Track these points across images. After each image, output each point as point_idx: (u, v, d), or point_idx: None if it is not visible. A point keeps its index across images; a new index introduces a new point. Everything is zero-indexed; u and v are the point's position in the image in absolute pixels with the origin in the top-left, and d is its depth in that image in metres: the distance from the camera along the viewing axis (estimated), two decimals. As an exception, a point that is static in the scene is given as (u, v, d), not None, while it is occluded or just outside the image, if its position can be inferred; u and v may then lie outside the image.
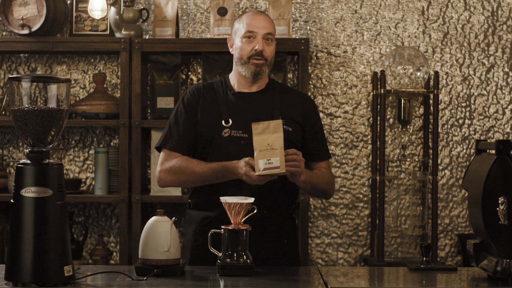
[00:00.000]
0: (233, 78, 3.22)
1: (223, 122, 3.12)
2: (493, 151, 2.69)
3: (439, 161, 4.55)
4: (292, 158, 2.95)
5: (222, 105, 3.16)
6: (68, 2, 4.54)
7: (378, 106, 4.43)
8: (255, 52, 3.12)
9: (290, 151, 2.96)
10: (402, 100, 4.41)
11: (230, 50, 3.23)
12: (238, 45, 3.16)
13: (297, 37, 4.48)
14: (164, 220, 2.80)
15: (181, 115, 3.17)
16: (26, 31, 4.33)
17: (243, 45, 3.14)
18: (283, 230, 3.16)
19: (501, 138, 4.56)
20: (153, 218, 2.82)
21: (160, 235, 2.77)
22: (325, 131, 4.55)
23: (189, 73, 4.63)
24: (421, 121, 4.58)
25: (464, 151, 4.60)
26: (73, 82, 4.62)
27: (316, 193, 3.24)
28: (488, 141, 4.12)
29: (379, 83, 4.38)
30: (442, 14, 4.59)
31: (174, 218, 2.85)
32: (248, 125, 3.10)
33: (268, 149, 2.89)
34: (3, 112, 4.46)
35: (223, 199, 2.84)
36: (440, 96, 4.58)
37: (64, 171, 3.39)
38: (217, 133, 3.11)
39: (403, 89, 4.37)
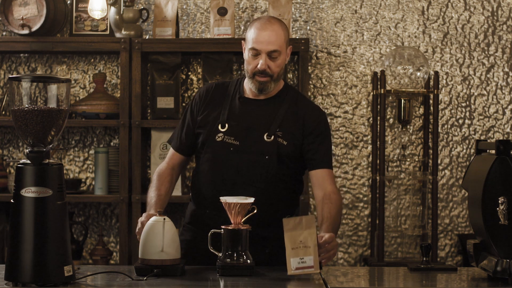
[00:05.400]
0: (246, 82, 3.20)
1: (219, 126, 3.12)
2: (493, 151, 2.70)
3: (439, 161, 4.55)
4: (328, 249, 2.83)
5: (225, 108, 3.15)
6: (68, 2, 4.54)
7: (378, 106, 4.43)
8: (258, 71, 3.07)
9: (323, 243, 2.81)
10: (402, 100, 4.41)
11: (244, 55, 3.16)
12: (245, 57, 3.13)
13: (297, 37, 4.48)
14: (161, 220, 2.81)
15: (186, 117, 3.22)
16: (26, 31, 4.33)
17: (248, 59, 3.10)
18: (265, 240, 3.10)
19: (501, 138, 4.56)
20: (153, 218, 2.83)
21: (156, 236, 2.78)
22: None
23: (189, 73, 4.63)
24: (421, 121, 4.58)
25: (464, 151, 4.60)
26: (73, 82, 4.62)
27: None
28: (488, 141, 4.12)
29: (379, 83, 4.38)
30: (442, 14, 4.59)
31: (164, 218, 2.84)
32: (242, 133, 3.09)
33: (301, 246, 2.73)
34: (3, 112, 4.46)
35: (223, 199, 2.84)
36: (440, 96, 4.58)
37: (64, 171, 3.39)
38: (212, 136, 3.11)
39: (403, 89, 4.37)
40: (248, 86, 3.16)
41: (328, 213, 3.01)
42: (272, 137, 3.09)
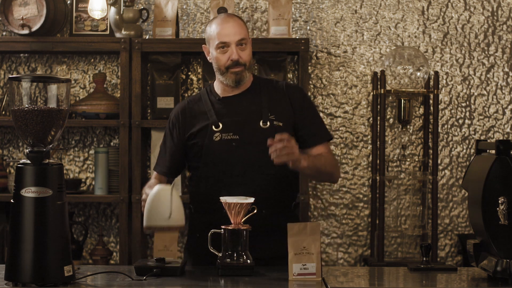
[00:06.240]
0: (217, 85, 3.23)
1: (213, 127, 3.13)
2: (493, 151, 2.70)
3: (439, 161, 4.55)
4: (280, 147, 2.88)
5: (210, 111, 3.17)
6: (68, 2, 4.54)
7: (378, 106, 4.43)
8: (232, 62, 3.10)
9: (275, 140, 2.88)
10: (402, 100, 4.41)
11: (208, 58, 3.21)
12: (214, 55, 3.15)
13: (297, 37, 4.48)
14: (167, 187, 2.85)
15: (167, 138, 3.26)
16: (26, 31, 4.33)
17: (218, 55, 3.13)
18: (283, 229, 3.14)
19: (501, 138, 4.56)
20: (159, 186, 2.86)
21: (163, 202, 2.80)
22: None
23: (189, 73, 4.63)
24: (421, 121, 4.58)
25: (464, 151, 4.60)
26: (73, 82, 4.62)
27: (322, 177, 3.29)
28: (488, 141, 4.12)
29: (379, 83, 4.38)
30: (442, 14, 4.59)
31: (173, 183, 2.87)
32: (238, 126, 3.11)
33: (304, 252, 2.74)
34: (3, 112, 4.46)
35: (223, 199, 2.84)
36: (440, 96, 4.58)
37: (64, 171, 3.39)
38: (208, 138, 3.11)
39: (403, 89, 4.37)
40: (223, 85, 3.19)
41: (315, 155, 3.11)
42: (268, 122, 3.12)
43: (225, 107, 3.17)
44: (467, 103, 4.59)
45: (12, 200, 2.56)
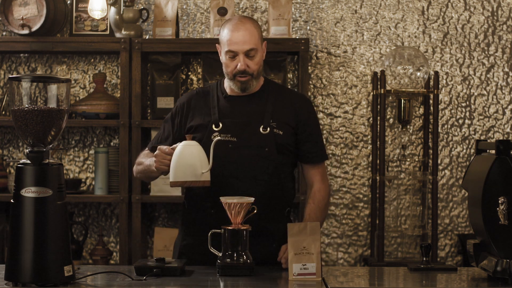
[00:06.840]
0: (226, 83, 3.23)
1: (213, 126, 3.13)
2: (493, 151, 2.70)
3: (439, 161, 4.55)
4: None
5: (214, 109, 3.17)
6: (68, 2, 4.54)
7: (378, 106, 4.43)
8: (238, 71, 3.10)
9: (283, 256, 2.97)
10: (402, 100, 4.41)
11: (220, 58, 3.20)
12: (223, 60, 3.16)
13: (297, 37, 4.48)
14: (196, 143, 2.92)
15: (167, 123, 3.26)
16: (26, 31, 4.33)
17: (227, 61, 3.13)
18: (273, 234, 3.11)
19: (501, 138, 4.56)
20: (184, 142, 2.90)
21: (199, 156, 2.85)
22: (325, 131, 4.55)
23: (189, 73, 4.63)
24: (421, 121, 4.58)
25: (464, 151, 4.60)
26: (73, 82, 4.62)
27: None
28: (488, 141, 4.13)
29: (379, 83, 4.39)
30: (442, 14, 4.59)
31: (218, 137, 2.94)
32: (237, 128, 3.11)
33: (304, 252, 2.74)
34: (3, 112, 4.46)
35: (223, 199, 2.84)
36: (440, 96, 4.58)
37: (64, 171, 3.39)
38: (207, 136, 3.11)
39: (403, 89, 4.37)
40: (230, 87, 3.19)
41: (308, 215, 3.13)
42: (268, 129, 3.12)
43: (230, 106, 3.17)
44: (467, 103, 4.59)
45: (12, 200, 2.56)
